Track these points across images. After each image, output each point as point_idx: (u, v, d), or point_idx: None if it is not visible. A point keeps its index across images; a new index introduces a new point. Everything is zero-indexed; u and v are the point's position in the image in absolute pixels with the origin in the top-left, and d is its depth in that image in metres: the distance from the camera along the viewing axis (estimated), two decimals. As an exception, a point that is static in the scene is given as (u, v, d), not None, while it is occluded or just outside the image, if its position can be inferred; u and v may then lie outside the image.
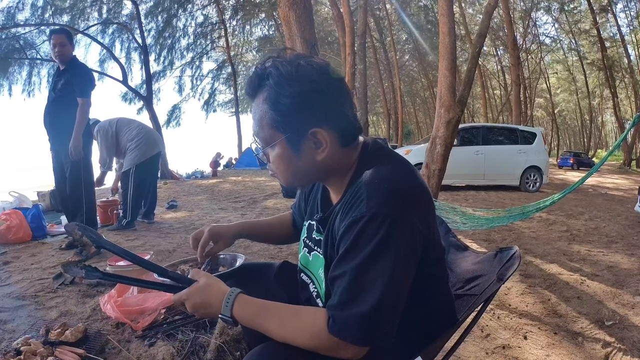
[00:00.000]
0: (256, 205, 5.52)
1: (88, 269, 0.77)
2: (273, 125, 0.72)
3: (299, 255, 0.93)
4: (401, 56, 23.86)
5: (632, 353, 1.61)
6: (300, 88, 0.69)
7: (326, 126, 0.71)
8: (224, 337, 1.45)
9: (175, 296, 0.77)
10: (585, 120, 31.51)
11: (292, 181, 0.79)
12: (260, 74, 0.73)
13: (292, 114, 0.70)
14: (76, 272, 0.77)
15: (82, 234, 0.84)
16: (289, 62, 0.72)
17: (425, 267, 0.72)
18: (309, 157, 0.73)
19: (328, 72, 0.73)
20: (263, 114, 0.73)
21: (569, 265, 2.79)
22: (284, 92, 0.70)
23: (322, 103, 0.71)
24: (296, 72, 0.70)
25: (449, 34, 3.83)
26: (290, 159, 0.74)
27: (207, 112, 20.94)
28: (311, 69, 0.71)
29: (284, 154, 0.74)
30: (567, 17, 19.96)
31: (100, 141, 3.69)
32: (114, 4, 12.69)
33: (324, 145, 0.72)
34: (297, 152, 0.73)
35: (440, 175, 3.92)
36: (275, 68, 0.71)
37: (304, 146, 0.72)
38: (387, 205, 0.64)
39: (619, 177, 13.34)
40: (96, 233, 0.87)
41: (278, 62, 0.72)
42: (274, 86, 0.70)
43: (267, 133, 0.74)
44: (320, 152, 0.73)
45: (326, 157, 0.73)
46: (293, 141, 0.72)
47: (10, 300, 1.89)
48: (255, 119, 0.75)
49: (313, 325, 0.67)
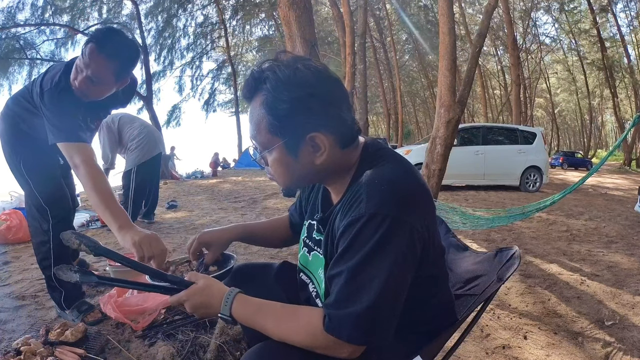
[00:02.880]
0: (256, 205, 5.52)
1: (82, 272, 0.77)
2: (271, 130, 0.72)
3: (298, 255, 0.93)
4: (401, 56, 23.86)
5: (632, 353, 1.61)
6: (298, 93, 0.69)
7: (324, 130, 0.71)
8: (224, 337, 1.45)
9: (174, 298, 0.78)
10: (585, 120, 31.50)
11: (291, 184, 0.79)
12: (257, 77, 0.72)
13: (289, 119, 0.70)
14: (70, 277, 0.76)
15: (80, 242, 0.83)
16: (287, 65, 0.71)
17: (424, 268, 0.72)
18: (307, 161, 0.73)
19: (326, 76, 0.72)
20: (260, 119, 0.72)
21: (569, 265, 2.79)
22: (281, 97, 0.69)
23: (320, 107, 0.70)
24: (294, 77, 0.69)
25: (449, 34, 3.83)
26: (288, 163, 0.74)
27: (207, 112, 20.99)
28: (309, 73, 0.70)
29: (282, 158, 0.74)
30: (567, 17, 19.96)
31: (103, 137, 3.63)
32: (114, 4, 12.72)
33: (322, 149, 0.72)
34: (296, 156, 0.73)
35: (440, 175, 3.92)
36: (272, 72, 0.70)
37: (302, 150, 0.72)
38: (387, 206, 0.64)
39: (619, 177, 13.34)
40: (93, 240, 0.85)
41: (275, 65, 0.71)
42: (271, 90, 0.70)
43: (265, 137, 0.73)
44: (319, 155, 0.73)
45: (325, 160, 0.73)
46: (291, 146, 0.72)
47: (10, 300, 1.89)
48: (252, 122, 0.74)
49: (309, 324, 0.67)
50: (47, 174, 1.63)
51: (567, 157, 22.06)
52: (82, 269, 0.79)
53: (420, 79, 28.12)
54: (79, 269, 0.77)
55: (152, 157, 3.78)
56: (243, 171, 13.64)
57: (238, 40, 20.06)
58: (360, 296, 0.63)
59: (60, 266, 0.77)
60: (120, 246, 1.27)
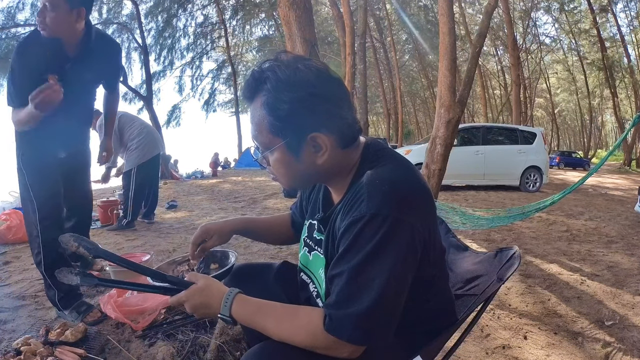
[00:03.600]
0: (256, 205, 5.52)
1: (82, 275, 0.76)
2: (272, 131, 0.71)
3: (299, 255, 0.93)
4: (401, 56, 23.85)
5: (632, 353, 1.61)
6: (299, 93, 0.68)
7: (325, 130, 0.71)
8: (224, 337, 1.45)
9: (173, 298, 0.78)
10: (585, 120, 31.48)
11: (293, 184, 0.79)
12: (258, 78, 0.72)
13: (290, 120, 0.70)
14: (70, 279, 0.76)
15: (78, 245, 0.82)
16: (287, 65, 0.71)
17: (425, 268, 0.72)
18: (309, 161, 0.73)
19: (326, 76, 0.72)
20: (261, 119, 0.72)
21: (569, 265, 2.79)
22: (282, 97, 0.69)
23: (321, 107, 0.70)
24: (294, 76, 0.69)
25: (449, 34, 3.83)
26: (290, 164, 0.74)
27: (207, 112, 20.96)
28: (309, 73, 0.70)
29: (284, 158, 0.74)
30: (567, 17, 19.96)
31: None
32: (114, 4, 12.71)
33: (323, 149, 0.72)
34: (297, 156, 0.73)
35: (440, 175, 3.92)
36: (273, 72, 0.70)
37: (303, 150, 0.72)
38: (388, 206, 0.64)
39: (619, 177, 13.33)
40: (92, 242, 0.85)
41: (276, 65, 0.71)
42: (272, 91, 0.69)
43: (266, 138, 0.73)
44: (320, 155, 0.73)
45: (326, 160, 0.73)
46: (292, 146, 0.72)
47: (10, 300, 1.89)
48: (253, 123, 0.74)
49: (309, 324, 0.67)
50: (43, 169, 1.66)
51: (563, 157, 22.08)
52: (82, 271, 0.78)
53: (420, 79, 28.11)
54: (79, 272, 0.77)
55: (152, 157, 3.79)
56: (243, 171, 13.64)
57: (238, 40, 20.06)
58: (361, 296, 0.63)
59: (60, 269, 0.77)
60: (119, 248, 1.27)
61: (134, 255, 2.23)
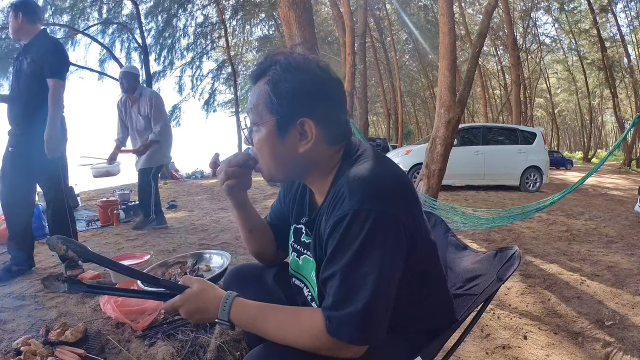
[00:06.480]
0: (256, 206, 5.50)
1: (70, 282, 0.74)
2: (267, 106, 0.74)
3: (289, 260, 0.92)
4: (401, 56, 23.84)
5: (632, 353, 1.61)
6: (304, 77, 0.73)
7: (315, 119, 0.73)
8: (224, 337, 1.45)
9: (167, 304, 0.76)
10: (585, 120, 31.46)
11: (272, 169, 0.79)
12: (270, 61, 0.76)
13: (288, 98, 0.72)
14: (58, 287, 0.73)
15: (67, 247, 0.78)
16: (299, 54, 0.77)
17: (415, 262, 0.72)
18: (291, 146, 0.75)
19: (331, 74, 0.76)
20: (261, 93, 0.75)
21: (569, 265, 2.79)
22: (286, 77, 0.73)
23: (318, 96, 0.73)
24: (303, 63, 0.74)
25: (449, 34, 3.83)
26: (274, 144, 0.75)
27: (207, 112, 20.91)
28: (317, 65, 0.75)
29: (269, 138, 0.75)
30: (567, 17, 19.94)
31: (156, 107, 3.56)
32: (114, 4, 12.68)
33: (309, 137, 0.74)
34: (282, 139, 0.74)
35: (440, 175, 3.91)
36: (285, 58, 0.75)
37: (289, 134, 0.74)
38: (369, 201, 0.65)
39: (619, 177, 13.33)
40: (81, 245, 0.81)
41: (289, 53, 0.77)
42: (279, 72, 0.74)
43: (261, 112, 0.75)
44: (304, 144, 0.74)
45: (308, 150, 0.74)
46: (281, 126, 0.74)
47: (10, 300, 1.89)
48: (253, 96, 0.77)
49: (312, 327, 0.67)
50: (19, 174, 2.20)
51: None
52: (70, 278, 0.75)
53: (420, 79, 28.08)
54: (67, 279, 0.74)
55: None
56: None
57: (238, 40, 20.02)
58: (357, 295, 0.63)
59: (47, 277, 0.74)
60: (120, 248, 1.27)
61: (135, 255, 2.23)
